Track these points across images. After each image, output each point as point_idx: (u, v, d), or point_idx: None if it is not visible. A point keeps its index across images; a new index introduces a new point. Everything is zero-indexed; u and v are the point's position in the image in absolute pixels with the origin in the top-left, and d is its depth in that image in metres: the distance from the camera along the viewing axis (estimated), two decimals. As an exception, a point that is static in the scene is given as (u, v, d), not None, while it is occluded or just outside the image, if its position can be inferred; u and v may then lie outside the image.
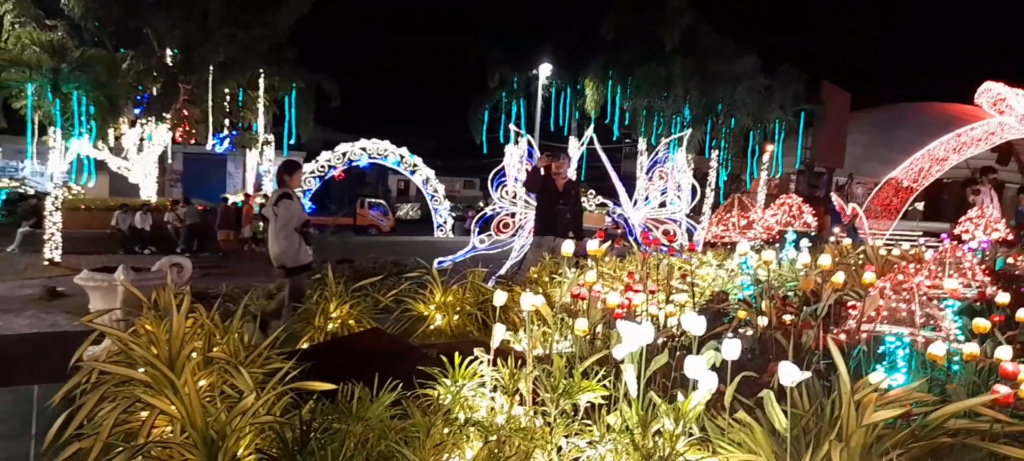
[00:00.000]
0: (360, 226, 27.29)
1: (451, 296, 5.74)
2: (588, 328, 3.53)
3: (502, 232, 10.54)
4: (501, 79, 23.23)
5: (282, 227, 5.87)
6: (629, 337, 2.60)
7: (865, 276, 3.59)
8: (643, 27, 20.62)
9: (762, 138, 20.89)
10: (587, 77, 21.21)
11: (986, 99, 23.38)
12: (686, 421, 2.42)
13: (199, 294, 6.82)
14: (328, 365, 3.64)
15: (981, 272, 4.70)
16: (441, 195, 24.23)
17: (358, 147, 22.06)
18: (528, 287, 5.90)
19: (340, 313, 5.21)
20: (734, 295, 5.05)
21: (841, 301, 4.26)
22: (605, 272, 5.72)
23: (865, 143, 22.35)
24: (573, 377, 2.78)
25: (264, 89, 20.42)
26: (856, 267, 5.32)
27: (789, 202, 6.87)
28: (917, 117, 24.02)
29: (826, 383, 3.05)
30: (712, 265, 6.02)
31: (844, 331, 3.64)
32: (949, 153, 21.44)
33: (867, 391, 2.50)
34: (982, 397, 2.50)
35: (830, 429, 2.44)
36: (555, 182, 7.52)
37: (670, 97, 19.85)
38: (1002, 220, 7.16)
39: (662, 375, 3.04)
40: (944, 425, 2.54)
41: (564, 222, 7.31)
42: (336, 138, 23.96)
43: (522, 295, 3.11)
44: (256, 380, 3.07)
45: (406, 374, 3.10)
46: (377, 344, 4.44)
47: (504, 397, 2.82)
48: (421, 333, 5.48)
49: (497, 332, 3.05)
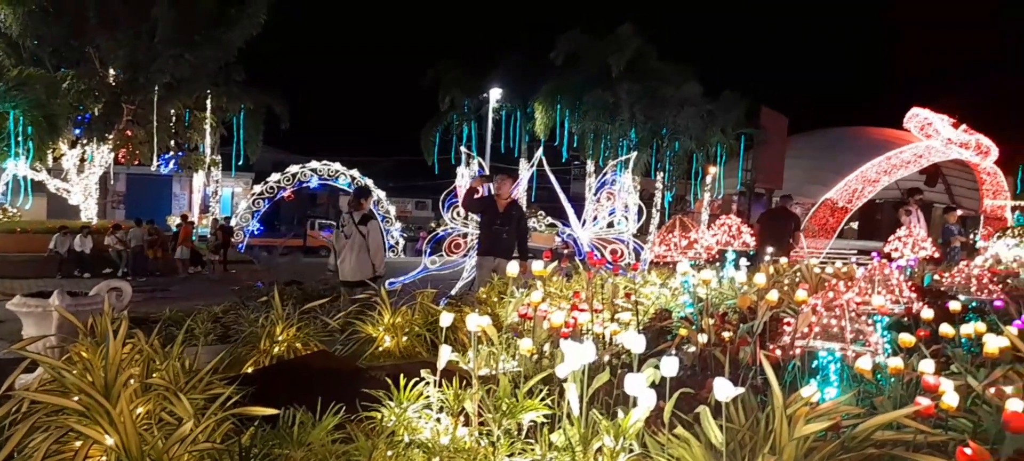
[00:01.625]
0: (311, 247, 26.92)
1: (400, 317, 5.71)
2: (533, 348, 3.58)
3: (454, 253, 10.55)
4: (453, 102, 23.36)
5: (377, 246, 7.50)
6: (572, 356, 2.65)
7: (798, 294, 3.73)
8: (592, 53, 21.08)
9: (705, 160, 21.48)
10: (537, 101, 21.52)
11: (914, 124, 24.52)
12: (626, 438, 2.48)
13: (140, 319, 6.63)
14: (273, 389, 3.60)
15: (908, 289, 4.94)
16: (393, 216, 24.11)
17: (308, 168, 21.83)
18: (477, 307, 5.93)
19: (286, 336, 5.13)
20: (676, 313, 5.17)
21: (778, 318, 4.42)
22: (552, 292, 5.78)
23: (803, 165, 23.16)
24: (518, 397, 2.82)
25: (211, 110, 20.09)
26: (791, 285, 5.51)
27: (729, 223, 7.08)
28: (852, 141, 25.02)
29: (763, 398, 3.16)
30: (656, 284, 6.16)
31: (779, 347, 3.77)
32: (880, 175, 22.37)
33: (799, 405, 2.61)
34: (906, 409, 2.63)
35: (764, 442, 2.53)
36: (496, 203, 7.58)
37: (617, 121, 20.29)
38: (929, 239, 7.52)
39: (605, 392, 3.10)
40: (871, 436, 2.65)
41: (502, 243, 7.37)
42: (286, 159, 23.70)
43: (468, 316, 3.14)
44: (197, 406, 3.02)
45: (352, 397, 3.09)
46: (323, 367, 4.40)
47: (449, 418, 2.84)
48: (370, 355, 5.44)
49: (443, 353, 3.08)
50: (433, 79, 23.43)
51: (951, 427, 3.12)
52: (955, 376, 3.54)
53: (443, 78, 22.94)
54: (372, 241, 7.53)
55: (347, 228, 7.73)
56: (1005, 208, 26.68)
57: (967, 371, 3.58)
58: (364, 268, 7.45)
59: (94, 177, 19.21)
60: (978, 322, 4.26)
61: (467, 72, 23.12)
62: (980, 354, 3.58)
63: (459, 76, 22.98)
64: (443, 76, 22.97)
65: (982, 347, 3.51)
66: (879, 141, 24.49)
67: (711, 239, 6.95)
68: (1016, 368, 3.41)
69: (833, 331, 3.67)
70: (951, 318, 4.25)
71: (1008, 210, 27.17)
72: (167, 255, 17.42)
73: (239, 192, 28.27)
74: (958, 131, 24.16)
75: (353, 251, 7.51)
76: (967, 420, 3.13)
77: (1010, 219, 27.10)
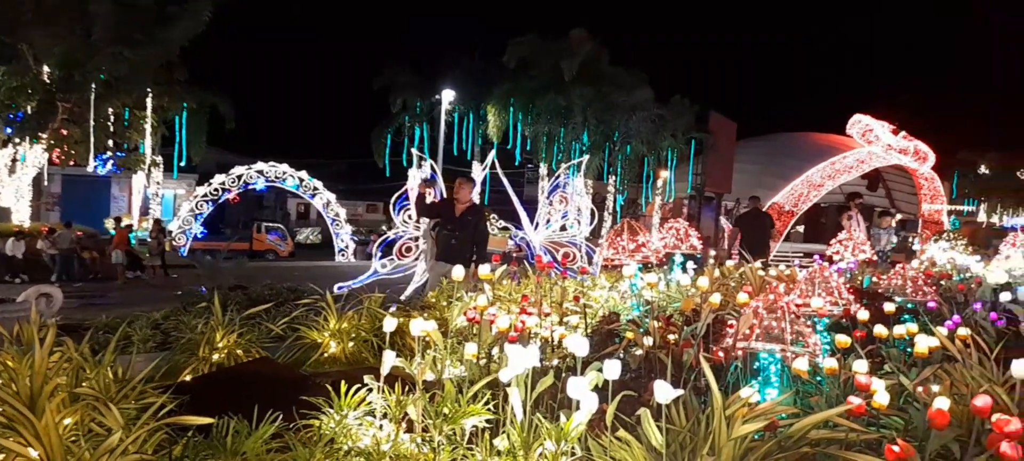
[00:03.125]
0: (257, 251, 26.33)
1: (346, 323, 5.62)
2: (479, 352, 3.56)
3: (405, 256, 10.44)
4: (404, 104, 23.19)
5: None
6: (515, 360, 2.64)
7: (739, 296, 3.80)
8: (544, 57, 21.19)
9: (656, 164, 21.79)
10: (490, 104, 21.54)
11: (856, 130, 25.34)
12: (568, 441, 2.48)
13: (72, 326, 6.37)
14: (210, 398, 3.49)
15: (847, 291, 5.08)
16: (342, 219, 23.78)
17: (255, 170, 21.36)
18: (425, 312, 5.87)
19: (227, 343, 5.00)
20: (624, 316, 5.21)
21: (722, 320, 4.49)
22: (502, 296, 5.77)
23: (751, 170, 23.69)
24: (461, 402, 2.80)
25: (152, 109, 19.46)
26: (736, 287, 5.62)
27: (676, 226, 7.18)
28: (797, 146, 25.71)
29: (705, 399, 3.20)
30: (605, 287, 6.20)
31: (722, 349, 3.83)
32: (825, 179, 23.04)
33: (738, 406, 2.65)
34: (838, 408, 2.70)
35: (704, 443, 2.56)
36: (453, 208, 7.52)
37: (569, 124, 20.43)
38: (867, 242, 7.76)
39: (550, 396, 3.10)
40: (806, 435, 2.71)
41: (452, 249, 7.30)
42: (232, 160, 23.15)
43: (412, 321, 3.10)
44: (129, 416, 2.91)
45: (293, 405, 3.02)
46: (265, 374, 4.29)
47: (392, 425, 2.79)
48: (314, 362, 5.33)
49: (387, 359, 3.03)
50: (385, 81, 23.22)
51: (884, 425, 3.21)
52: (889, 376, 3.66)
53: (395, 80, 22.76)
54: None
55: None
56: (942, 212, 27.78)
57: (900, 371, 3.70)
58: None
59: (27, 178, 18.45)
60: (911, 323, 4.40)
61: (419, 74, 23.00)
62: (913, 354, 3.70)
63: (411, 78, 22.83)
64: (395, 78, 22.79)
65: (915, 347, 3.63)
66: (823, 146, 25.22)
67: (659, 242, 7.04)
68: (945, 367, 3.53)
69: (774, 333, 3.75)
70: (886, 319, 4.39)
71: (944, 214, 28.30)
72: (104, 259, 16.83)
73: (182, 194, 27.50)
74: (898, 137, 25.06)
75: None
76: (899, 418, 3.23)
77: (946, 223, 28.23)
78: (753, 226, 10.91)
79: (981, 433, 2.64)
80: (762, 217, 11.38)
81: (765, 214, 11.62)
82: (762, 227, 11.01)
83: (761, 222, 11.15)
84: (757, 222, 11.05)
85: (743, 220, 11.45)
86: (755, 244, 9.98)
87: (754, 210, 11.36)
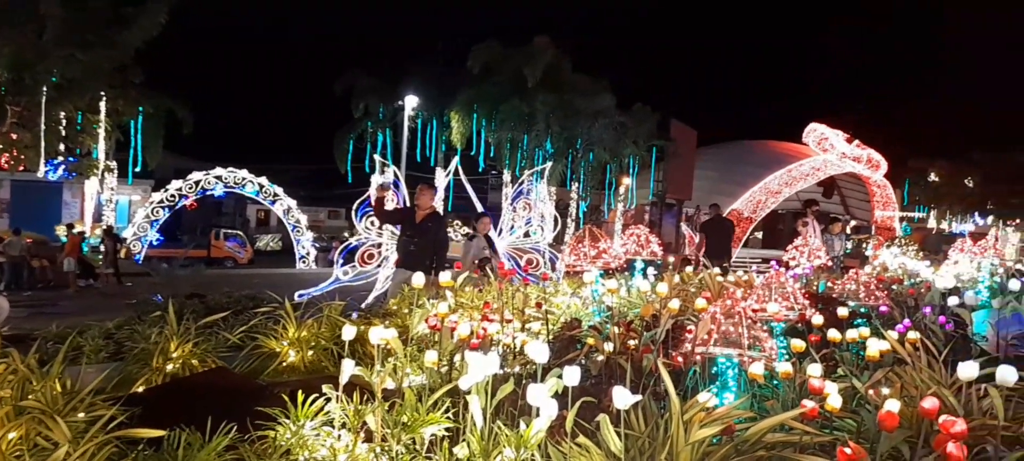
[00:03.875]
0: (215, 258, 25.82)
1: (306, 331, 5.53)
2: (440, 359, 3.54)
3: (367, 263, 10.34)
4: (367, 109, 23.01)
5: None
6: (475, 368, 2.63)
7: (698, 302, 3.85)
8: (507, 64, 21.24)
9: (618, 171, 21.98)
10: (453, 110, 21.49)
11: (812, 138, 25.94)
12: (527, 448, 2.48)
13: (20, 336, 6.15)
14: (163, 409, 3.41)
15: (802, 296, 5.18)
16: (304, 226, 23.45)
17: (213, 176, 20.94)
18: (387, 319, 5.82)
19: (181, 352, 4.88)
20: (586, 322, 5.23)
21: (682, 325, 4.54)
22: (464, 302, 5.75)
23: (711, 177, 24.08)
24: (420, 411, 2.77)
25: (106, 113, 18.96)
26: (696, 293, 5.69)
27: (637, 232, 7.25)
28: (756, 153, 26.22)
29: (664, 404, 3.23)
30: (567, 293, 6.22)
31: (681, 354, 3.88)
32: (782, 187, 23.53)
33: (695, 410, 2.68)
34: (793, 411, 2.75)
35: (662, 448, 2.58)
36: (415, 214, 7.50)
37: (533, 131, 20.50)
38: (822, 248, 7.93)
39: (511, 403, 3.10)
40: (762, 439, 2.75)
41: (411, 255, 7.31)
42: (189, 165, 22.67)
43: (371, 329, 3.07)
44: (77, 429, 2.83)
45: (249, 416, 2.96)
46: (220, 384, 4.20)
47: (350, 435, 2.75)
48: (273, 371, 5.24)
49: (346, 367, 2.99)
50: (346, 85, 23.00)
51: (838, 427, 3.28)
52: (842, 379, 3.74)
53: (356, 84, 22.56)
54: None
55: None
56: (894, 219, 28.57)
57: (852, 374, 3.78)
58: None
59: (-27, 184, 17.87)
60: (864, 327, 4.51)
61: (382, 79, 22.83)
62: (865, 358, 3.79)
63: (373, 83, 22.66)
64: (357, 82, 22.59)
65: (867, 351, 3.71)
66: (781, 154, 25.76)
67: (620, 249, 7.10)
68: (895, 370, 3.62)
69: (731, 337, 3.80)
70: (840, 323, 4.49)
71: (896, 220, 29.11)
72: (55, 267, 16.33)
73: (137, 200, 26.84)
74: (852, 146, 25.73)
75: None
76: (852, 420, 3.30)
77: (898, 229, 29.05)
78: (717, 232, 11.35)
79: (929, 434, 2.71)
80: (725, 223, 11.86)
81: (727, 220, 12.15)
82: (726, 232, 11.50)
83: (724, 227, 11.65)
84: (721, 228, 11.52)
85: (708, 226, 11.82)
86: (720, 249, 10.58)
87: (717, 216, 11.79)
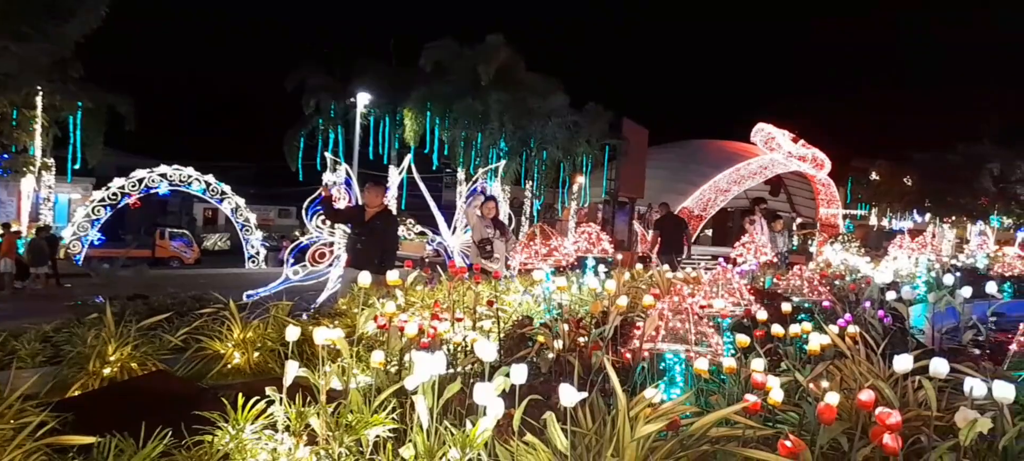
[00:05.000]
0: (160, 258, 25.10)
1: (252, 332, 5.41)
2: (387, 359, 3.49)
3: (318, 263, 10.18)
4: (318, 106, 22.65)
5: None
6: (421, 367, 2.60)
7: (645, 299, 3.89)
8: (461, 62, 21.16)
9: (572, 170, 22.11)
10: (406, 107, 21.30)
11: (760, 138, 26.55)
12: (473, 448, 2.46)
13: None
14: (98, 415, 3.28)
15: (748, 292, 5.28)
16: (253, 224, 22.95)
17: (157, 173, 20.31)
18: (337, 319, 5.73)
19: (120, 355, 4.71)
20: (537, 320, 5.23)
21: (631, 322, 4.58)
22: (415, 301, 5.70)
23: (662, 176, 24.43)
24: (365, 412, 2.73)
25: (43, 108, 18.22)
26: (645, 290, 5.75)
27: (589, 230, 7.30)
28: (706, 152, 26.70)
29: (612, 401, 3.25)
30: (519, 291, 6.22)
31: (630, 350, 3.91)
32: (731, 185, 24.03)
33: (641, 406, 2.69)
34: (736, 406, 2.79)
35: (609, 444, 2.59)
36: (364, 213, 7.42)
37: (487, 129, 20.47)
38: (768, 244, 8.11)
39: (458, 403, 3.07)
40: (707, 434, 2.78)
41: (359, 254, 7.24)
42: (133, 163, 21.97)
43: (316, 330, 3.01)
44: (4, 437, 2.70)
45: (188, 420, 2.87)
46: (161, 388, 4.07)
47: (293, 438, 2.69)
48: (217, 373, 5.10)
49: (290, 369, 2.93)
50: (297, 81, 22.59)
51: (780, 421, 3.34)
52: (786, 373, 3.82)
53: (307, 81, 22.18)
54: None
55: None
56: (837, 216, 29.42)
57: (795, 368, 3.86)
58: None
59: (-102, 181, 16.97)
60: (807, 322, 4.62)
61: (334, 76, 22.50)
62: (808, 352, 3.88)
63: (325, 79, 22.32)
64: (308, 79, 22.21)
65: (809, 345, 3.80)
66: (730, 153, 26.29)
67: (572, 246, 7.14)
68: (836, 364, 3.72)
69: (679, 334, 3.85)
70: (784, 319, 4.59)
71: (840, 218, 29.99)
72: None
73: (77, 198, 25.89)
74: (797, 145, 26.42)
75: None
76: (795, 413, 3.37)
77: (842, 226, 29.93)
78: (670, 228, 11.67)
79: (867, 426, 2.79)
80: (677, 220, 12.20)
81: (679, 216, 12.62)
82: (679, 229, 11.86)
83: (678, 224, 11.98)
84: (674, 225, 11.84)
85: (662, 223, 12.08)
86: (675, 244, 10.86)
87: (672, 215, 12.14)
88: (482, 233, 8.18)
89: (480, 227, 8.26)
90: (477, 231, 8.34)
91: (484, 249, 8.05)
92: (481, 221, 8.28)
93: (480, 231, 8.24)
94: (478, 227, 8.32)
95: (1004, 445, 2.80)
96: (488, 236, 8.11)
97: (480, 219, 8.31)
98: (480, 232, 8.23)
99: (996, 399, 2.78)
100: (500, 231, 8.23)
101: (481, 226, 8.25)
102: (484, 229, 8.20)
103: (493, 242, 8.09)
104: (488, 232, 8.15)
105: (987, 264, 9.93)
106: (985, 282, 6.35)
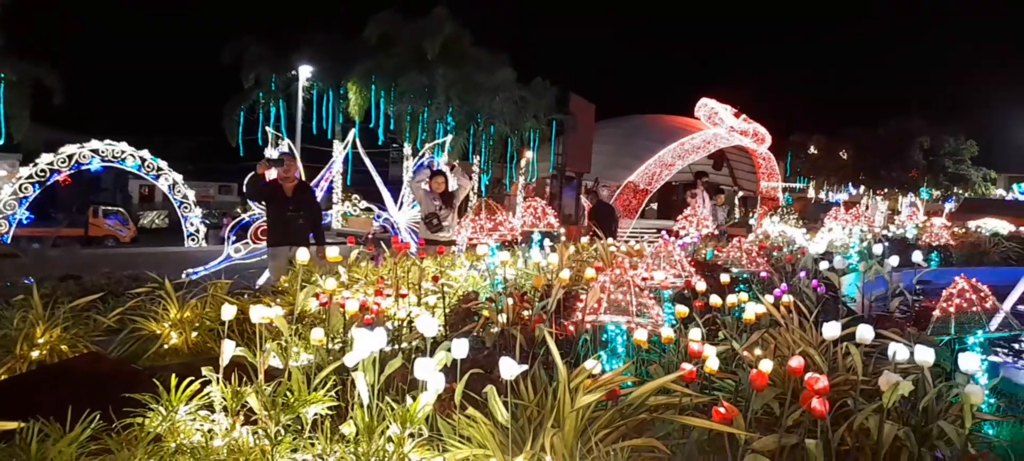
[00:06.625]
0: (93, 237, 24.18)
1: (190, 311, 5.27)
2: (328, 337, 3.45)
3: (260, 240, 9.98)
4: (258, 79, 21.98)
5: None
6: (361, 343, 2.57)
7: (587, 272, 3.93)
8: (406, 35, 20.80)
9: (519, 145, 22.09)
10: (351, 81, 20.87)
11: (703, 113, 27.00)
12: (413, 423, 2.45)
13: None
14: (24, 400, 3.16)
15: (689, 264, 5.39)
16: (191, 201, 22.25)
17: (88, 149, 19.46)
18: (278, 297, 5.63)
19: (49, 338, 4.54)
20: (483, 295, 5.24)
21: (575, 295, 4.63)
22: (358, 278, 5.63)
23: (608, 150, 24.62)
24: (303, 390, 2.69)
25: (-40, 80, 17.23)
26: (586, 263, 5.81)
27: (534, 205, 7.32)
28: (651, 127, 27.02)
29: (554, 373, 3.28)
30: (465, 266, 6.21)
31: (573, 322, 3.95)
32: (675, 159, 24.41)
33: (582, 377, 2.73)
34: (673, 374, 2.85)
35: (550, 415, 2.62)
36: (284, 188, 7.26)
37: (433, 104, 20.25)
38: (710, 217, 8.28)
39: (401, 379, 3.06)
40: (645, 403, 2.84)
41: (298, 229, 7.10)
42: (62, 138, 20.98)
43: (252, 308, 2.94)
44: (-81, 427, 2.57)
45: (120, 403, 2.78)
46: (92, 371, 3.93)
47: (229, 418, 2.64)
48: (153, 354, 4.96)
49: (226, 348, 2.86)
50: (236, 53, 21.84)
51: (717, 388, 3.44)
52: (723, 342, 3.92)
53: (246, 53, 21.45)
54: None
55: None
56: (778, 190, 30.23)
57: (732, 337, 3.97)
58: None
59: None
60: (744, 292, 4.75)
61: (274, 48, 21.80)
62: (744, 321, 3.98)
63: (264, 51, 21.60)
64: (247, 50, 21.47)
65: (745, 314, 3.91)
66: (675, 128, 26.65)
67: (518, 221, 7.16)
68: (771, 332, 3.83)
69: (620, 305, 3.90)
70: (722, 289, 4.70)
71: (780, 191, 30.83)
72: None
73: (3, 176, 24.68)
74: (739, 120, 26.96)
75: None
76: (731, 381, 3.47)
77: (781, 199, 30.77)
78: (604, 216, 11.93)
79: (798, 391, 2.89)
80: (609, 208, 12.47)
81: (610, 205, 13.03)
82: (610, 217, 12.13)
83: (610, 212, 12.25)
84: (607, 213, 12.08)
85: (595, 213, 12.31)
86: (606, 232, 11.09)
87: (600, 203, 12.39)
88: (429, 208, 8.11)
89: (428, 202, 8.18)
90: (425, 206, 8.26)
91: (431, 223, 7.99)
92: (428, 196, 8.20)
93: (428, 206, 8.16)
94: (425, 202, 8.23)
95: (924, 406, 2.94)
96: (435, 211, 8.04)
97: (427, 194, 8.22)
98: (428, 207, 8.15)
99: (917, 363, 2.91)
100: (446, 204, 8.16)
101: (428, 201, 8.17)
102: (432, 203, 8.12)
103: (440, 216, 8.02)
104: (436, 206, 8.09)
105: (916, 235, 10.36)
106: (913, 251, 6.63)
